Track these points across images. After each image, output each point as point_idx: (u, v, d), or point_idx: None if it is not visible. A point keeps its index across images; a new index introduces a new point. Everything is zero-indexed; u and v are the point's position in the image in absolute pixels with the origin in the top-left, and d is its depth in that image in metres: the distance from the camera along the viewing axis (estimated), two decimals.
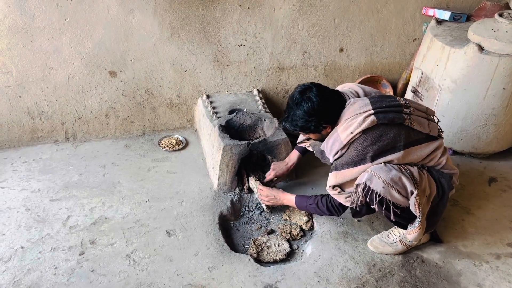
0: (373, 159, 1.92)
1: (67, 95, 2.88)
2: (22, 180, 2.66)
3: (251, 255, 2.20)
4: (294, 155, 2.52)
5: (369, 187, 1.90)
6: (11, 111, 2.84)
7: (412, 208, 1.94)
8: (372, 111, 1.93)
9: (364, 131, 1.92)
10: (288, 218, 2.46)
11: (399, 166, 1.94)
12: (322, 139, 2.12)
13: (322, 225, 2.36)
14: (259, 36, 2.98)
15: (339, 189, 2.03)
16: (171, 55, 2.90)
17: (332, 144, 2.00)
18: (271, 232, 2.40)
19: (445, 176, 2.05)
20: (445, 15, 2.93)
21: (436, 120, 2.12)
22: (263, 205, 2.47)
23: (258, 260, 2.20)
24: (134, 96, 3.00)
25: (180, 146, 3.01)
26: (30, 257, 2.14)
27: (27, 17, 2.56)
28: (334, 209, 2.13)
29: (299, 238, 2.36)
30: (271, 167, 2.53)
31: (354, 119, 1.94)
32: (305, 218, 2.41)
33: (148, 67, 2.91)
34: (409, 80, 3.16)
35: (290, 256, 2.26)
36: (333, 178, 2.02)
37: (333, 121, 2.03)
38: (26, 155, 2.89)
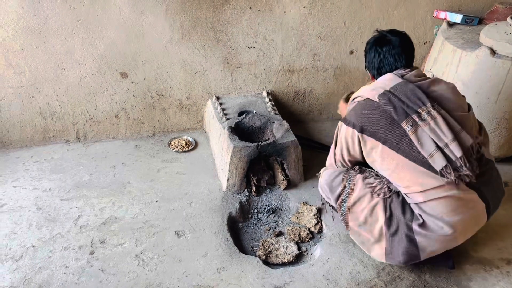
0: (356, 128, 1.89)
1: (78, 95, 2.91)
2: (33, 179, 2.69)
3: (259, 257, 2.20)
4: None
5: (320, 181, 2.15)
6: (23, 111, 2.88)
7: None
8: (384, 89, 1.86)
9: (368, 100, 1.90)
10: (296, 221, 2.45)
11: (344, 178, 2.03)
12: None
13: (331, 227, 2.36)
14: (269, 38, 2.99)
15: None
16: (181, 56, 2.92)
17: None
18: (280, 234, 2.40)
19: (405, 214, 1.87)
20: (457, 18, 2.91)
21: (465, 167, 1.76)
22: None
23: (266, 262, 2.20)
24: (144, 97, 3.02)
25: (190, 147, 3.03)
26: (41, 255, 2.16)
27: (40, 18, 2.60)
28: None
29: (308, 241, 2.36)
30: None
31: (374, 86, 1.93)
32: (314, 221, 2.40)
33: (158, 68, 2.93)
34: None
35: (298, 258, 2.26)
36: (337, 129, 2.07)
37: (374, 75, 2.06)
38: (38, 154, 2.92)
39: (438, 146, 1.76)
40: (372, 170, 2.01)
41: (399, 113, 1.80)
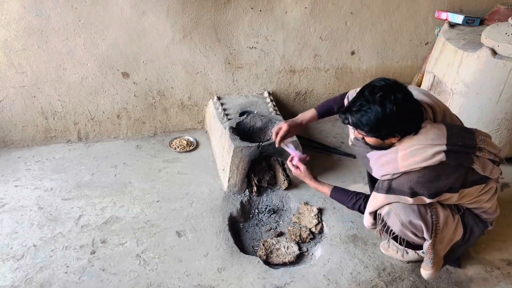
0: (430, 197, 1.75)
1: (80, 95, 2.91)
2: (35, 179, 2.70)
3: (260, 257, 2.21)
4: (309, 113, 2.17)
5: (386, 223, 1.85)
6: (25, 111, 2.88)
7: (424, 249, 1.89)
8: (444, 148, 1.68)
9: (429, 166, 1.71)
10: (297, 221, 2.46)
11: (426, 209, 1.80)
12: (378, 147, 1.82)
13: (332, 228, 2.36)
14: (271, 38, 2.99)
15: (374, 213, 1.90)
16: (183, 57, 2.92)
17: (386, 164, 1.78)
18: (281, 234, 2.41)
19: (479, 224, 1.92)
20: (458, 18, 2.91)
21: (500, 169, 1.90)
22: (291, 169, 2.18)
23: (267, 262, 2.20)
24: (146, 97, 3.02)
25: (191, 147, 3.03)
26: (42, 255, 2.17)
27: (42, 18, 2.60)
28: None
29: (309, 241, 2.36)
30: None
31: (422, 150, 1.69)
32: (315, 221, 2.40)
33: (160, 68, 2.93)
34: (421, 84, 3.14)
35: (299, 258, 2.26)
36: (375, 201, 1.85)
37: (405, 135, 1.73)
38: (40, 154, 2.93)
39: (493, 160, 1.82)
40: None
41: (468, 159, 1.75)
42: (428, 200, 1.75)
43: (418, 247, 1.96)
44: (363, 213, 1.96)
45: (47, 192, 2.59)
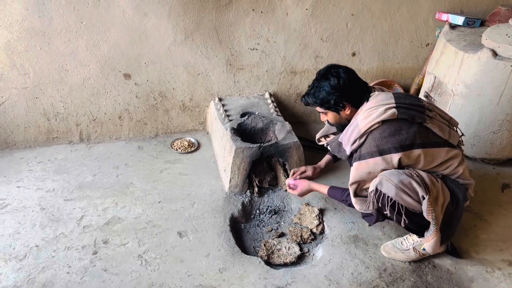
0: (397, 150, 1.91)
1: (82, 97, 2.93)
2: (37, 180, 2.71)
3: (261, 258, 2.21)
4: (324, 159, 2.53)
5: (381, 191, 1.90)
6: (27, 112, 2.90)
7: (425, 214, 1.92)
8: (394, 105, 1.94)
9: (383, 122, 1.92)
10: (298, 221, 2.46)
11: (410, 171, 1.92)
12: (339, 123, 2.13)
13: (333, 228, 2.36)
14: (272, 40, 3.00)
15: (355, 185, 2.01)
16: (184, 58, 2.93)
17: (351, 133, 2.00)
18: (282, 235, 2.41)
19: (460, 187, 2.03)
20: (459, 20, 2.92)
21: (460, 133, 2.12)
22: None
23: (268, 263, 2.20)
24: (147, 98, 3.04)
25: (192, 148, 3.04)
26: (45, 255, 2.18)
27: (45, 20, 2.62)
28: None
29: (310, 242, 2.36)
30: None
31: (375, 109, 1.94)
32: (316, 222, 2.41)
33: (161, 70, 2.94)
34: (421, 85, 3.15)
35: (300, 259, 2.26)
36: (353, 172, 2.01)
37: (355, 104, 2.03)
38: (42, 155, 2.94)
39: (449, 125, 2.03)
40: None
41: (419, 116, 1.95)
42: (395, 156, 1.91)
43: (417, 230, 2.07)
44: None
45: (49, 192, 2.60)
